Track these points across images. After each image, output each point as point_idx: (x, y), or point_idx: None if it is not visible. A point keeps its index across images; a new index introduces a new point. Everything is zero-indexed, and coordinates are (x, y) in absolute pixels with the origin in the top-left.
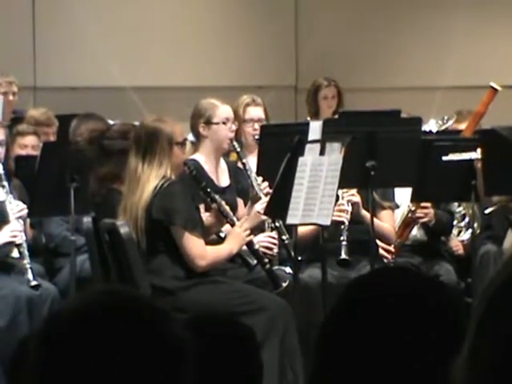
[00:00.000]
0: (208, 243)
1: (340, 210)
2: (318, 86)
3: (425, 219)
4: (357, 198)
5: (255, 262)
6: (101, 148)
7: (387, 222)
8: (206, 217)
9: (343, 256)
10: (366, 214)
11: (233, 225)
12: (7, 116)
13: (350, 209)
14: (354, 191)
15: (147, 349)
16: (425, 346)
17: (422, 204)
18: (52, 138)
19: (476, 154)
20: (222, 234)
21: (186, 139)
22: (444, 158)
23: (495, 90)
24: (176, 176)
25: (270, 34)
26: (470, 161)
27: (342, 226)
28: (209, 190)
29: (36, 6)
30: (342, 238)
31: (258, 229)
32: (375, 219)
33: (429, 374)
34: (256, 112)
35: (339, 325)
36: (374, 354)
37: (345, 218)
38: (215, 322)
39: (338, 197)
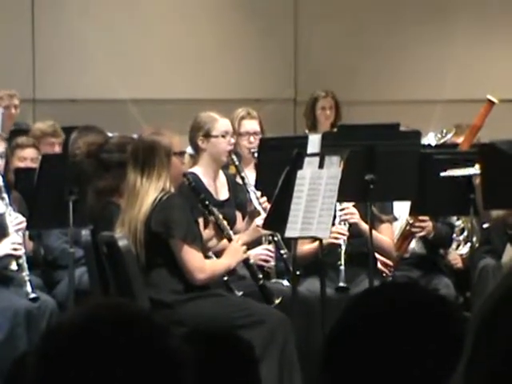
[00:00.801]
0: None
1: (337, 232)
2: (316, 98)
3: (423, 232)
4: (354, 220)
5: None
6: (99, 161)
7: (386, 235)
8: (205, 231)
9: (341, 284)
10: (365, 228)
11: (230, 239)
12: (7, 128)
13: (346, 228)
14: (351, 208)
15: (146, 363)
16: (425, 360)
17: (421, 217)
18: (58, 150)
19: (474, 170)
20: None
21: (184, 151)
22: (442, 174)
23: (492, 102)
24: (175, 187)
25: (269, 47)
26: (468, 176)
27: (339, 249)
28: (207, 202)
29: (35, 19)
30: (339, 263)
31: (255, 242)
32: (374, 232)
33: None
34: (251, 125)
35: (342, 341)
36: (376, 369)
37: (342, 240)
38: (214, 335)
39: (335, 213)
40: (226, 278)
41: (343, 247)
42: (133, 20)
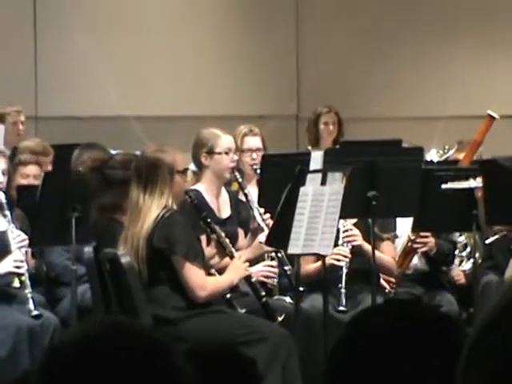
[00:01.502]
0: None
1: (339, 254)
2: (319, 114)
3: (424, 248)
4: (357, 242)
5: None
6: (102, 177)
7: (387, 252)
8: (207, 248)
9: (341, 308)
10: (368, 248)
11: (232, 257)
12: (12, 145)
13: (348, 250)
14: (354, 230)
15: (149, 381)
16: (428, 376)
17: (422, 233)
18: (49, 168)
19: (476, 183)
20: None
21: (187, 168)
22: (444, 186)
23: (493, 117)
24: (177, 204)
25: (271, 63)
26: (471, 190)
27: (341, 272)
28: (209, 220)
29: (38, 37)
30: (340, 286)
31: (257, 258)
32: (376, 251)
33: None
34: (254, 142)
35: (343, 359)
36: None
37: (343, 262)
38: (216, 352)
39: (338, 229)
40: (228, 296)
41: (344, 270)
42: (135, 37)
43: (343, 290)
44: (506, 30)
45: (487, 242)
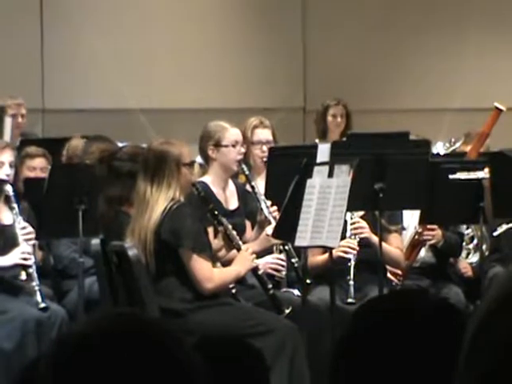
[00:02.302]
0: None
1: (347, 247)
2: (327, 106)
3: (432, 241)
4: (365, 235)
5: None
6: (110, 169)
7: (395, 245)
8: (214, 241)
9: (350, 300)
10: (375, 240)
11: (239, 249)
12: (15, 138)
13: (356, 242)
14: (361, 222)
15: (158, 373)
16: (434, 367)
17: (429, 226)
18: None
19: (483, 174)
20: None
21: (194, 161)
22: (451, 177)
23: (500, 110)
24: (184, 196)
25: (278, 55)
26: (478, 181)
27: (349, 264)
28: (216, 212)
29: (44, 29)
30: (348, 278)
31: (265, 251)
32: (383, 243)
33: None
34: (264, 134)
35: (350, 350)
36: (384, 377)
37: (351, 254)
38: (224, 343)
39: (345, 222)
40: (234, 291)
41: (352, 262)
42: (142, 30)
43: (351, 282)
44: None
45: (495, 234)
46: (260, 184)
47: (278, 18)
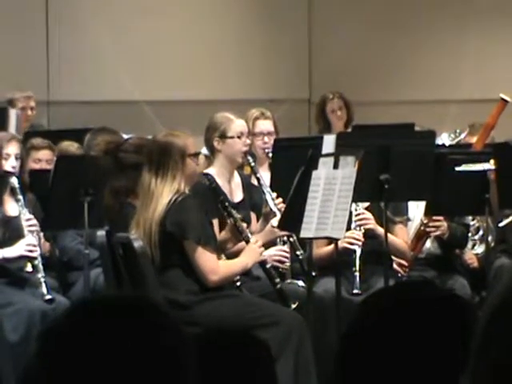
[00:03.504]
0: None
1: (352, 238)
2: (324, 102)
3: (437, 232)
4: (370, 226)
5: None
6: (115, 160)
7: (400, 236)
8: (221, 233)
9: (355, 291)
10: (381, 232)
11: (247, 241)
12: (23, 130)
13: (361, 234)
14: (366, 213)
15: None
16: (439, 357)
17: (435, 217)
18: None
19: (489, 165)
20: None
21: (199, 152)
22: (457, 169)
23: (505, 101)
24: (189, 187)
25: (283, 47)
26: (484, 173)
27: (354, 255)
28: (226, 204)
29: (49, 21)
30: (353, 269)
31: (270, 243)
32: (389, 235)
33: None
34: (265, 125)
35: (356, 340)
36: (389, 365)
37: (357, 245)
38: (229, 335)
39: (351, 213)
40: (239, 284)
41: (358, 253)
42: (146, 22)
43: (357, 274)
44: None
45: (500, 225)
46: (263, 175)
47: (283, 11)
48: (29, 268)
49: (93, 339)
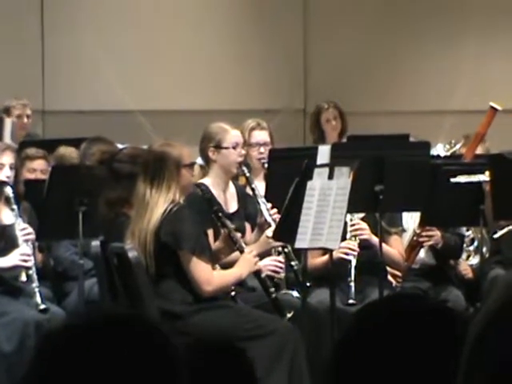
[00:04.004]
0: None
1: (347, 248)
2: (319, 112)
3: (430, 242)
4: (365, 236)
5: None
6: (110, 170)
7: (395, 247)
8: (215, 243)
9: (351, 301)
10: (376, 242)
11: (242, 252)
12: (20, 138)
13: (356, 244)
14: (361, 223)
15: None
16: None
17: (428, 227)
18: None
19: (484, 177)
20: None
21: (194, 162)
22: (452, 180)
23: (495, 109)
24: (184, 195)
25: (278, 57)
26: (479, 184)
27: (349, 266)
28: (220, 214)
29: (45, 31)
30: (349, 279)
31: (264, 253)
32: (383, 245)
33: None
34: (261, 136)
35: (350, 350)
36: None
37: (352, 256)
38: (214, 346)
39: (346, 224)
40: (233, 294)
41: (353, 263)
42: (141, 32)
43: (352, 284)
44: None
45: (495, 236)
46: (258, 185)
47: (278, 20)
48: (23, 278)
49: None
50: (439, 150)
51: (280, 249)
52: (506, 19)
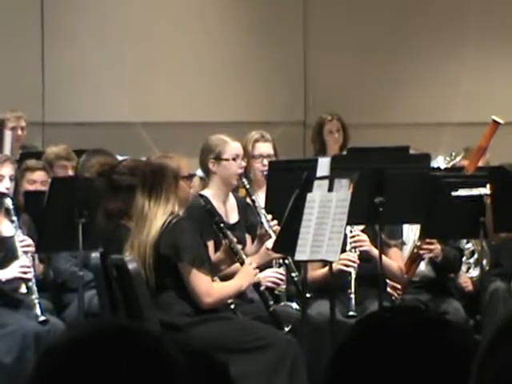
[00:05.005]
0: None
1: (347, 260)
2: (322, 123)
3: (430, 255)
4: (365, 248)
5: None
6: (109, 182)
7: (395, 259)
8: (215, 254)
9: (351, 313)
10: (376, 254)
11: (242, 263)
12: (15, 151)
13: (356, 256)
14: (362, 235)
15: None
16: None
17: (428, 240)
18: (71, 173)
19: (485, 190)
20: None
21: (193, 174)
22: (454, 194)
23: (497, 123)
24: (183, 208)
25: (278, 69)
26: (479, 196)
27: (349, 278)
28: (222, 225)
29: (45, 42)
30: (349, 291)
31: (265, 265)
32: (383, 257)
33: None
34: (265, 148)
35: (348, 361)
36: None
37: (352, 267)
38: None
39: (345, 236)
40: (233, 306)
41: (353, 275)
42: (141, 44)
43: (352, 296)
44: None
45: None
46: (261, 197)
47: (279, 33)
48: (23, 289)
49: (85, 366)
50: (439, 162)
51: (281, 260)
52: (506, 32)
